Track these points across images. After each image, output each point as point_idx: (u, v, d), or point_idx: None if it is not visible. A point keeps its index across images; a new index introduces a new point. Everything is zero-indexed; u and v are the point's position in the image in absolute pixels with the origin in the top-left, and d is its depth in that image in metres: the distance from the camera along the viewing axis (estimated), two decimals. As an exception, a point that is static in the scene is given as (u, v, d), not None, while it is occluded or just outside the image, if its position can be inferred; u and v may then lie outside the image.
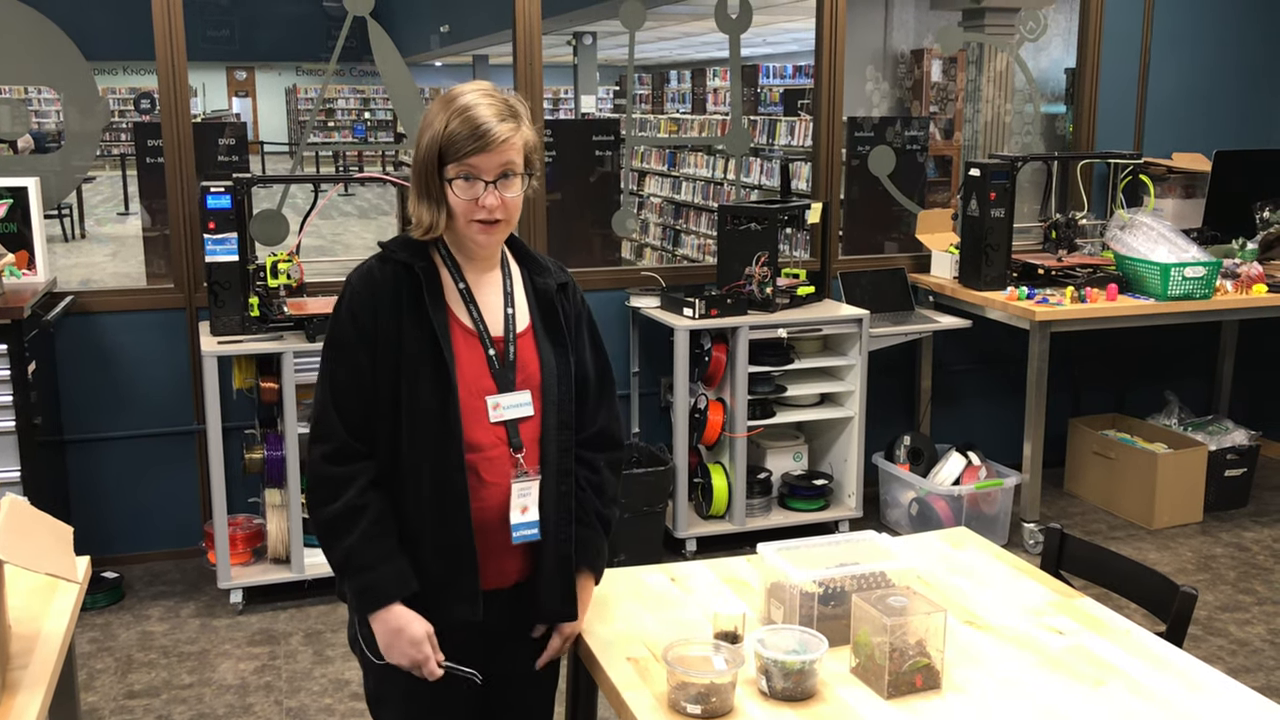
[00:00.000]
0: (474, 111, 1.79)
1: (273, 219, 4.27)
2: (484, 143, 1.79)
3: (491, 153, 1.80)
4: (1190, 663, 1.93)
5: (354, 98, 25.67)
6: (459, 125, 1.79)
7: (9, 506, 1.75)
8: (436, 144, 1.81)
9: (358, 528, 1.84)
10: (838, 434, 4.60)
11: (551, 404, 1.94)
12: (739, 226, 4.39)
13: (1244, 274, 4.65)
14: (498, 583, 1.93)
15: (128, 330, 4.21)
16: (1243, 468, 4.93)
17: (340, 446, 1.86)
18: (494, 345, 1.91)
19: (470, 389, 1.87)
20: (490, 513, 1.89)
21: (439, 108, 1.83)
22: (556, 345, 1.97)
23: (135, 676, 3.54)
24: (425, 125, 1.84)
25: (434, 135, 1.81)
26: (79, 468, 4.22)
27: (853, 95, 5.65)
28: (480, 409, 1.88)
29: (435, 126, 1.81)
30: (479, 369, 1.89)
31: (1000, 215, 4.55)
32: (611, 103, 18.59)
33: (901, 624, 1.79)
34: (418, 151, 1.84)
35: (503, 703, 2.05)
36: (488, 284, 1.95)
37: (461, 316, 1.90)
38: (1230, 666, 3.58)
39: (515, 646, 2.01)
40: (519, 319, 1.95)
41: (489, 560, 1.90)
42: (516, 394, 1.91)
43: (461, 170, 1.81)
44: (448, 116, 1.80)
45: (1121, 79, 5.25)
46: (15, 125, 4.36)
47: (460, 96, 1.82)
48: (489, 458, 1.89)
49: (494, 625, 1.95)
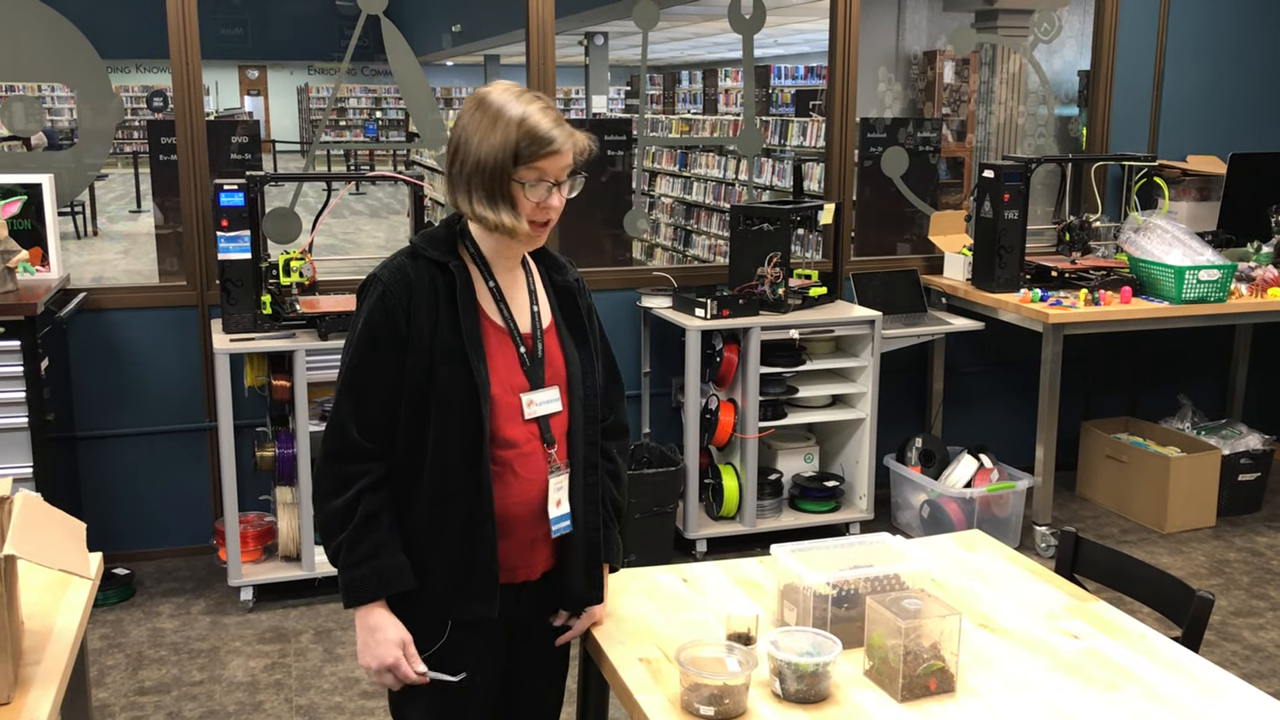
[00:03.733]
0: (539, 118, 1.82)
1: (285, 217, 4.28)
2: (554, 148, 1.83)
3: (561, 155, 1.84)
4: (1206, 668, 1.92)
5: (366, 97, 25.72)
6: (530, 129, 1.81)
7: (22, 502, 1.75)
8: (510, 148, 1.81)
9: (351, 524, 1.86)
10: (849, 435, 4.59)
11: (578, 399, 1.97)
12: (751, 227, 4.38)
13: (1259, 277, 4.63)
14: (526, 576, 1.97)
15: (140, 327, 4.22)
16: (1256, 472, 4.91)
17: (350, 444, 1.87)
18: (524, 342, 1.94)
19: (504, 386, 1.90)
20: (524, 507, 1.91)
21: (497, 113, 1.82)
22: (579, 340, 2.01)
23: (146, 673, 3.55)
24: (483, 131, 1.82)
25: (503, 140, 1.81)
26: (91, 464, 4.22)
27: (865, 96, 5.63)
28: (515, 406, 1.91)
29: (501, 131, 1.81)
30: (512, 366, 1.92)
31: (1014, 217, 4.53)
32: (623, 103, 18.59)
33: (916, 627, 1.78)
34: (478, 157, 1.83)
35: (520, 692, 2.08)
36: (514, 282, 1.97)
37: (493, 315, 1.92)
38: (1244, 672, 3.56)
39: (537, 636, 2.04)
40: (544, 316, 1.99)
41: (521, 554, 1.94)
42: (547, 390, 1.94)
43: (532, 174, 1.83)
44: (511, 122, 1.81)
45: (1136, 81, 5.23)
46: (29, 122, 4.37)
47: (514, 103, 1.83)
48: (524, 453, 1.91)
49: (520, 617, 1.99)
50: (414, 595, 1.89)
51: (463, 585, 1.88)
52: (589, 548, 2.00)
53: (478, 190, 1.85)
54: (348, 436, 1.87)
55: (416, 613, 1.90)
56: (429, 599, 1.89)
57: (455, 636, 1.92)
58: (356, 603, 1.88)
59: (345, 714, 3.31)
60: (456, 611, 1.90)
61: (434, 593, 1.89)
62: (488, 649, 1.97)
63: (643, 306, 4.58)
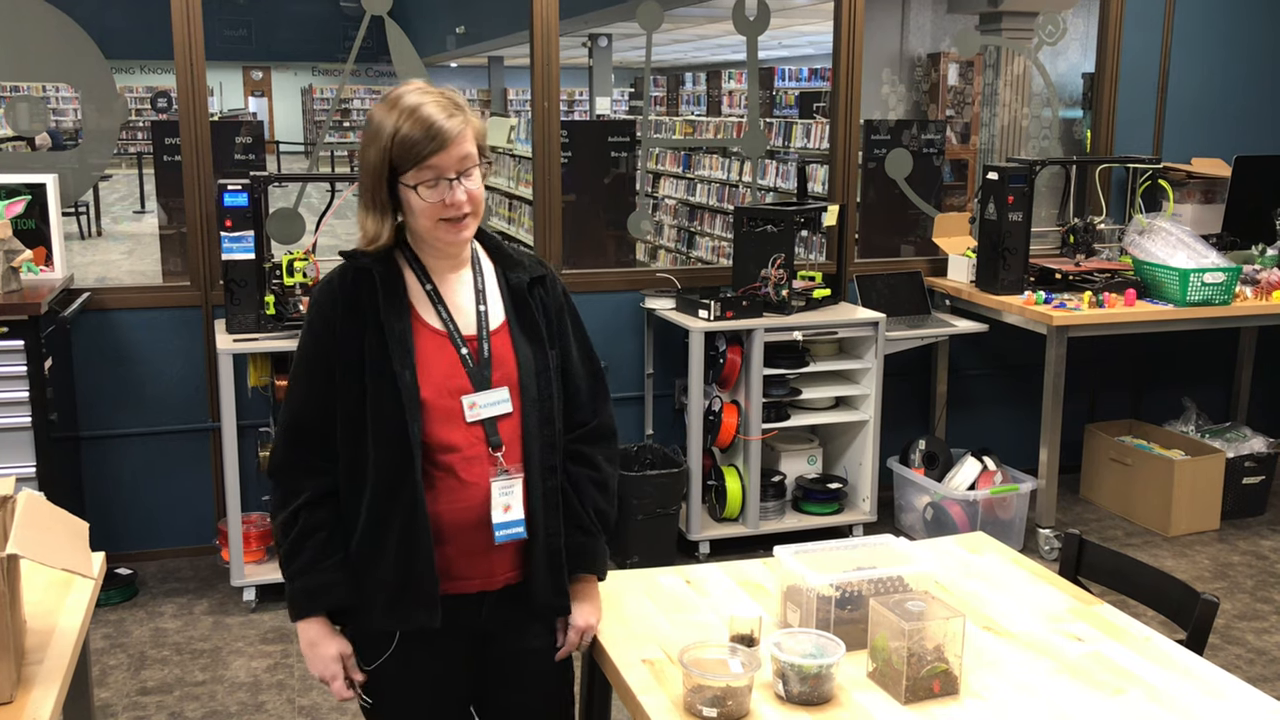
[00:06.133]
0: (422, 112, 1.78)
1: (289, 217, 4.28)
2: (440, 141, 1.77)
3: (450, 149, 1.78)
4: (1211, 671, 1.91)
5: (370, 98, 25.72)
6: (410, 129, 1.77)
7: (25, 502, 1.75)
8: (388, 152, 1.78)
9: (289, 538, 1.87)
10: (852, 437, 4.58)
11: (531, 400, 1.91)
12: (755, 229, 4.38)
13: (1264, 280, 4.62)
14: (484, 585, 1.91)
15: (144, 327, 4.22)
16: (1261, 475, 4.90)
17: (292, 458, 1.88)
18: (467, 344, 1.89)
19: (440, 389, 1.85)
20: (470, 513, 1.86)
21: (383, 116, 1.80)
22: (533, 341, 1.94)
23: (148, 673, 3.55)
24: (370, 137, 1.81)
25: (383, 144, 1.78)
26: (94, 464, 4.22)
27: (869, 98, 5.63)
28: (455, 409, 1.86)
29: (384, 135, 1.78)
30: (451, 369, 1.87)
31: (1018, 219, 4.53)
32: (627, 104, 18.59)
33: (919, 629, 1.78)
34: (364, 163, 1.82)
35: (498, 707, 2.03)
36: (457, 282, 1.93)
37: (429, 318, 1.89)
38: (1248, 675, 3.55)
39: (512, 649, 1.98)
40: (492, 316, 1.93)
41: (472, 561, 1.88)
42: (493, 391, 1.89)
43: (423, 174, 1.79)
44: (396, 123, 1.78)
45: (1141, 83, 5.23)
46: (33, 122, 4.38)
47: (402, 98, 1.80)
48: (467, 457, 1.86)
49: (485, 627, 1.94)
50: (357, 606, 1.88)
51: (402, 595, 1.84)
52: (550, 554, 1.92)
53: (365, 198, 1.84)
54: (290, 452, 1.88)
55: (361, 623, 1.89)
56: (372, 610, 1.87)
57: (405, 648, 1.90)
58: (294, 617, 1.89)
59: (347, 715, 3.31)
60: (398, 622, 1.87)
61: (377, 604, 1.86)
62: (439, 661, 1.92)
63: (646, 308, 4.57)
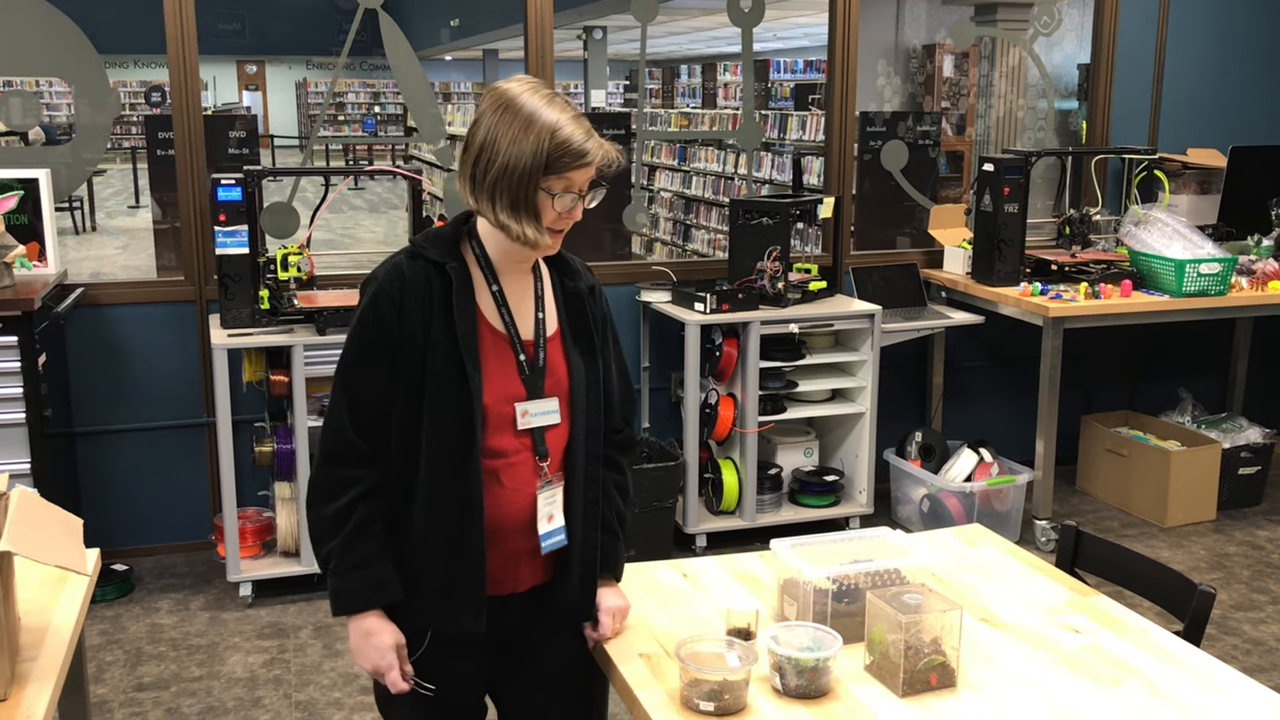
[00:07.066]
0: (573, 129, 1.76)
1: (283, 212, 4.27)
2: (586, 159, 1.77)
3: (588, 168, 1.79)
4: (1208, 662, 1.91)
5: (364, 91, 25.72)
6: (564, 140, 1.75)
7: (19, 498, 1.74)
8: (542, 157, 1.75)
9: (343, 531, 1.83)
10: (849, 430, 4.58)
11: (580, 411, 1.90)
12: (751, 221, 4.38)
13: (1259, 270, 4.62)
14: (511, 588, 1.91)
15: (138, 323, 4.21)
16: (1257, 466, 4.91)
17: (347, 448, 1.84)
18: (524, 350, 1.87)
19: (498, 395, 1.84)
20: (508, 519, 1.86)
21: (529, 119, 1.75)
22: (585, 351, 1.93)
23: (144, 669, 3.54)
24: (513, 135, 1.75)
25: (535, 148, 1.74)
26: (89, 460, 4.22)
27: (865, 90, 5.61)
28: (507, 415, 1.85)
29: (534, 139, 1.75)
30: (508, 374, 1.86)
31: (1014, 210, 4.53)
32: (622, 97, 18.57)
33: (916, 621, 1.78)
34: (506, 162, 1.76)
35: (509, 707, 2.03)
36: (521, 287, 1.90)
37: (492, 319, 1.86)
38: (1245, 666, 3.55)
39: (530, 651, 1.98)
40: (549, 323, 1.92)
41: (505, 566, 1.88)
42: (545, 401, 1.88)
43: (560, 184, 1.78)
44: (544, 130, 1.75)
45: (1136, 74, 5.22)
46: (26, 117, 4.36)
47: (546, 109, 1.76)
48: (511, 464, 1.86)
49: (508, 629, 1.94)
50: (401, 604, 1.86)
51: (450, 597, 1.84)
52: (585, 565, 1.93)
53: (502, 197, 1.78)
54: (343, 438, 1.84)
55: (401, 621, 1.88)
56: (416, 609, 1.86)
57: (435, 646, 1.89)
58: (347, 611, 1.85)
59: (344, 709, 3.31)
60: (443, 622, 1.86)
61: (421, 603, 1.86)
62: (469, 661, 1.92)
63: (642, 301, 4.57)
